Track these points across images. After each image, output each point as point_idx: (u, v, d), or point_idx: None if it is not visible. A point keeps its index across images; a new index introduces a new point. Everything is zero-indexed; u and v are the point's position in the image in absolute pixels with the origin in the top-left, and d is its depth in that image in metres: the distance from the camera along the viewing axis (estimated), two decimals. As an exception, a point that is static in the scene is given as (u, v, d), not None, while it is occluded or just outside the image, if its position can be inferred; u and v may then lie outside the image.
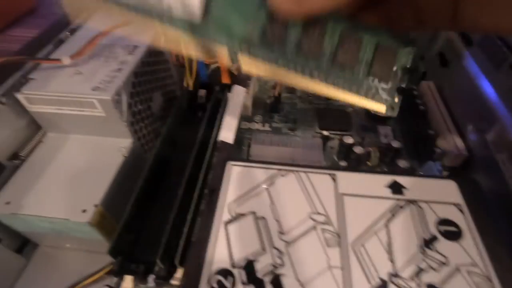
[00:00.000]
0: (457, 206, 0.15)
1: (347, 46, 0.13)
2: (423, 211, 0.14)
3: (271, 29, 0.13)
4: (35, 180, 0.24)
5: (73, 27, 0.31)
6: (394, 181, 0.15)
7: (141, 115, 0.28)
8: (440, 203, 0.15)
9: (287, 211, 0.14)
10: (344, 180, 0.15)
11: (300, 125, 0.32)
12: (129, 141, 0.26)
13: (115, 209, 0.24)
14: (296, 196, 0.15)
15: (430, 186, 0.15)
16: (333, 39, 0.13)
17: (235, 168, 0.17)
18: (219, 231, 0.14)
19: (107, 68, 0.26)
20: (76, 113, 0.25)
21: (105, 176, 0.24)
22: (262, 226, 0.14)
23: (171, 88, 0.34)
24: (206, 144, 0.26)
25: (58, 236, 0.24)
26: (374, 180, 0.15)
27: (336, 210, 0.14)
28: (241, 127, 0.32)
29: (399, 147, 0.27)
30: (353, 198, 0.15)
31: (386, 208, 0.14)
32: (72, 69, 0.26)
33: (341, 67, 0.13)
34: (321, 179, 0.16)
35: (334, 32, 0.13)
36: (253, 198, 0.15)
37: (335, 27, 0.13)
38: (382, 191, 0.15)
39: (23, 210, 0.22)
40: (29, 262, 0.26)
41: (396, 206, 0.14)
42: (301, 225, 0.14)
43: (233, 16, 0.13)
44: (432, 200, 0.15)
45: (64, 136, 0.27)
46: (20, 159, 0.26)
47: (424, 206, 0.15)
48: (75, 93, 0.23)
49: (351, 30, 0.13)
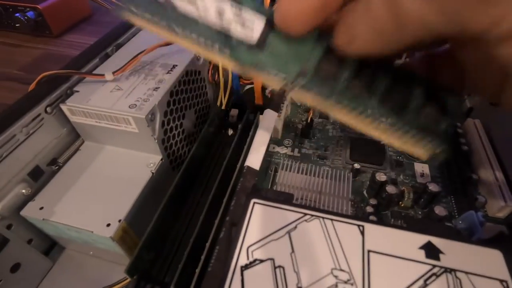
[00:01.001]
0: (502, 283, 0.13)
1: (396, 94, 0.12)
2: (461, 284, 0.13)
3: (325, 65, 0.12)
4: (68, 188, 0.25)
5: (119, 42, 0.33)
6: (428, 242, 0.14)
7: (173, 132, 0.28)
8: (482, 276, 0.13)
9: (308, 263, 0.13)
10: (373, 235, 0.14)
11: (331, 153, 0.31)
12: (159, 157, 0.27)
13: (138, 225, 0.24)
14: (319, 246, 0.14)
15: (471, 254, 0.14)
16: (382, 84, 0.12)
17: (258, 206, 0.16)
18: (234, 275, 0.14)
19: (145, 86, 0.26)
20: (112, 127, 0.26)
21: (131, 191, 0.25)
22: (280, 277, 0.13)
23: (204, 105, 0.35)
24: (233, 166, 0.26)
25: (83, 243, 0.25)
26: (406, 238, 0.14)
27: (362, 269, 0.13)
28: (269, 150, 0.32)
29: (436, 190, 0.25)
30: (381, 257, 0.14)
31: (419, 274, 0.13)
32: (113, 84, 0.27)
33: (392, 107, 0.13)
34: (347, 230, 0.15)
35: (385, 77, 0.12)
36: (274, 242, 0.14)
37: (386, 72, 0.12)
38: (415, 253, 0.14)
39: (53, 217, 0.23)
40: (55, 264, 0.27)
41: (430, 273, 0.13)
42: (321, 281, 0.13)
43: (290, 52, 0.13)
44: (473, 272, 0.13)
45: (100, 146, 0.28)
46: (58, 165, 0.27)
47: (462, 278, 0.13)
48: (113, 109, 0.24)
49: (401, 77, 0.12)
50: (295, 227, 0.15)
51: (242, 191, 0.23)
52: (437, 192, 0.25)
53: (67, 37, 0.67)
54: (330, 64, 0.12)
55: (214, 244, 0.20)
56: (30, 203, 0.24)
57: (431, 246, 0.14)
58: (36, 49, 0.63)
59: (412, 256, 0.13)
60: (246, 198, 0.17)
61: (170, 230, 0.24)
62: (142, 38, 0.33)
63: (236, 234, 0.15)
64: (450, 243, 0.14)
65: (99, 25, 0.71)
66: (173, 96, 0.27)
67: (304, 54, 0.13)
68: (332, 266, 0.13)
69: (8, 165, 0.23)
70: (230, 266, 0.14)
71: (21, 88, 0.51)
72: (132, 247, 0.24)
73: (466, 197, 0.26)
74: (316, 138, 0.33)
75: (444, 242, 0.14)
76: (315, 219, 0.15)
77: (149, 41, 0.30)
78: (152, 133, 0.25)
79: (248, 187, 0.23)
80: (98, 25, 0.71)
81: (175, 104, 0.28)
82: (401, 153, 0.31)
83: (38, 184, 0.26)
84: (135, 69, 0.28)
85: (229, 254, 0.15)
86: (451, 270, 0.13)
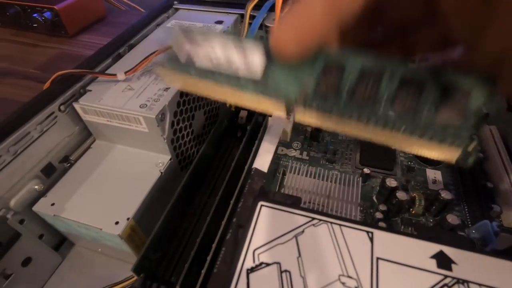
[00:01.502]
0: (518, 295, 0.13)
1: (407, 90, 0.12)
2: (474, 296, 0.12)
3: (324, 80, 0.13)
4: (79, 185, 0.25)
5: (131, 42, 0.33)
6: (440, 252, 0.13)
7: (182, 132, 0.28)
8: (497, 289, 0.12)
9: (315, 268, 0.13)
10: (382, 242, 0.14)
11: (340, 157, 0.31)
12: (168, 157, 0.27)
13: (146, 224, 0.24)
14: (327, 251, 0.14)
15: (485, 265, 0.13)
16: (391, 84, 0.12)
17: (266, 209, 0.16)
18: (240, 277, 0.13)
19: (156, 86, 0.27)
20: (123, 126, 0.26)
21: (140, 189, 0.25)
22: (286, 281, 0.13)
23: (214, 106, 0.35)
24: (241, 168, 0.26)
25: (92, 240, 0.25)
26: (417, 247, 0.14)
27: (370, 277, 0.13)
28: (278, 152, 0.31)
29: (449, 198, 0.24)
30: (391, 265, 0.13)
31: (429, 284, 0.12)
32: (125, 84, 0.27)
33: (400, 112, 0.12)
34: (356, 236, 0.14)
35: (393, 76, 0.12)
36: (280, 246, 0.14)
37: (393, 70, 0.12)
38: (426, 262, 0.13)
39: (64, 213, 0.23)
40: (64, 260, 0.28)
41: (442, 283, 0.12)
42: (328, 287, 0.13)
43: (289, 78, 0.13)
44: (486, 284, 0.12)
45: (111, 145, 0.29)
46: (70, 163, 0.28)
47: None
48: (124, 108, 0.25)
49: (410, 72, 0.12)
50: (303, 231, 0.15)
51: (250, 193, 0.22)
52: (450, 200, 0.24)
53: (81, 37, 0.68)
54: (328, 79, 0.13)
55: (220, 245, 0.20)
56: (42, 199, 0.25)
57: (443, 256, 0.13)
58: (51, 48, 0.64)
59: (423, 265, 0.13)
60: (254, 200, 0.17)
61: (177, 229, 0.25)
62: (154, 40, 0.34)
63: (242, 236, 0.15)
64: (463, 253, 0.13)
65: (113, 26, 0.73)
66: (183, 96, 0.27)
67: (303, 75, 0.13)
68: (339, 272, 0.13)
69: (22, 161, 0.24)
70: (236, 269, 0.14)
71: (36, 87, 0.52)
72: (140, 245, 0.24)
73: (480, 206, 0.25)
74: (325, 141, 0.33)
75: (456, 252, 0.13)
76: (323, 223, 0.15)
77: (160, 42, 0.30)
78: (162, 133, 0.25)
79: (255, 189, 0.22)
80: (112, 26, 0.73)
81: (185, 105, 0.28)
82: (412, 158, 0.30)
83: (50, 181, 0.26)
84: (146, 69, 0.29)
85: (235, 256, 0.15)
86: (463, 281, 0.13)
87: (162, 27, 0.36)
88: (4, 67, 0.58)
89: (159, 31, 0.35)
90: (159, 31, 0.36)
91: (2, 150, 0.22)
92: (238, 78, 0.14)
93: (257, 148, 0.27)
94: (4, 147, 0.22)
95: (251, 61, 0.14)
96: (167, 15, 0.39)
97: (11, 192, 0.23)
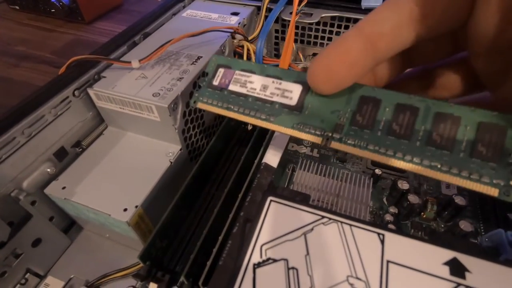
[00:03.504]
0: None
1: (443, 126, 0.12)
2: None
3: (360, 115, 0.13)
4: (90, 170, 0.26)
5: (147, 31, 0.33)
6: (454, 259, 0.13)
7: (193, 123, 0.28)
8: (512, 301, 0.12)
9: (322, 267, 0.13)
10: (394, 245, 0.14)
11: (351, 157, 0.30)
12: (178, 147, 0.27)
13: (154, 212, 0.25)
14: (336, 251, 0.14)
15: (500, 275, 0.13)
16: (426, 119, 0.13)
17: (275, 204, 0.16)
18: (246, 271, 0.13)
19: (169, 75, 0.27)
20: (135, 114, 0.26)
21: (150, 178, 0.25)
22: (293, 278, 0.13)
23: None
24: (251, 162, 0.26)
25: (100, 225, 0.26)
26: (429, 252, 0.13)
27: (379, 280, 0.13)
28: (288, 148, 0.31)
29: (463, 204, 0.23)
30: (402, 269, 0.13)
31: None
32: (139, 72, 0.27)
33: (437, 148, 0.12)
34: (367, 237, 0.14)
35: (428, 111, 0.13)
36: (288, 243, 0.14)
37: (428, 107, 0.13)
38: (439, 268, 0.13)
39: (74, 197, 0.24)
40: (72, 243, 0.28)
41: (454, 292, 0.12)
42: (335, 287, 0.12)
43: (325, 109, 0.14)
44: (501, 295, 0.12)
45: (122, 133, 0.29)
46: (82, 148, 0.28)
47: (489, 300, 0.12)
48: (136, 96, 0.25)
49: (445, 108, 0.13)
50: (312, 229, 0.14)
51: (258, 187, 0.22)
52: (463, 206, 0.23)
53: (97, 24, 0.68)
54: (364, 114, 0.13)
55: (226, 238, 0.20)
56: (53, 182, 0.25)
57: (456, 263, 0.13)
58: (68, 34, 0.65)
59: (435, 271, 0.13)
60: (263, 195, 0.17)
61: (184, 220, 0.25)
62: (169, 29, 0.34)
63: (250, 230, 0.15)
64: (477, 261, 0.13)
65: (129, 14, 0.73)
66: (196, 87, 0.27)
67: (339, 109, 0.14)
68: (348, 273, 0.13)
69: (36, 144, 0.24)
70: (243, 262, 0.14)
71: (52, 71, 0.53)
72: (147, 233, 0.25)
73: (495, 214, 0.24)
74: (337, 139, 0.32)
75: (470, 259, 0.13)
76: (333, 222, 0.15)
77: (175, 32, 0.30)
78: (174, 123, 0.25)
79: (264, 184, 0.22)
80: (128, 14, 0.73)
81: (197, 96, 0.28)
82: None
83: (62, 165, 0.27)
84: (160, 58, 0.28)
85: (242, 250, 0.14)
86: (476, 290, 0.12)
87: (178, 17, 0.36)
88: (22, 50, 0.59)
89: (174, 21, 0.35)
90: (174, 20, 0.35)
91: (17, 132, 0.23)
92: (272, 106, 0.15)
93: (268, 143, 0.26)
94: (19, 129, 0.23)
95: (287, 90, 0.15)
96: (183, 4, 0.39)
97: (24, 174, 0.24)
